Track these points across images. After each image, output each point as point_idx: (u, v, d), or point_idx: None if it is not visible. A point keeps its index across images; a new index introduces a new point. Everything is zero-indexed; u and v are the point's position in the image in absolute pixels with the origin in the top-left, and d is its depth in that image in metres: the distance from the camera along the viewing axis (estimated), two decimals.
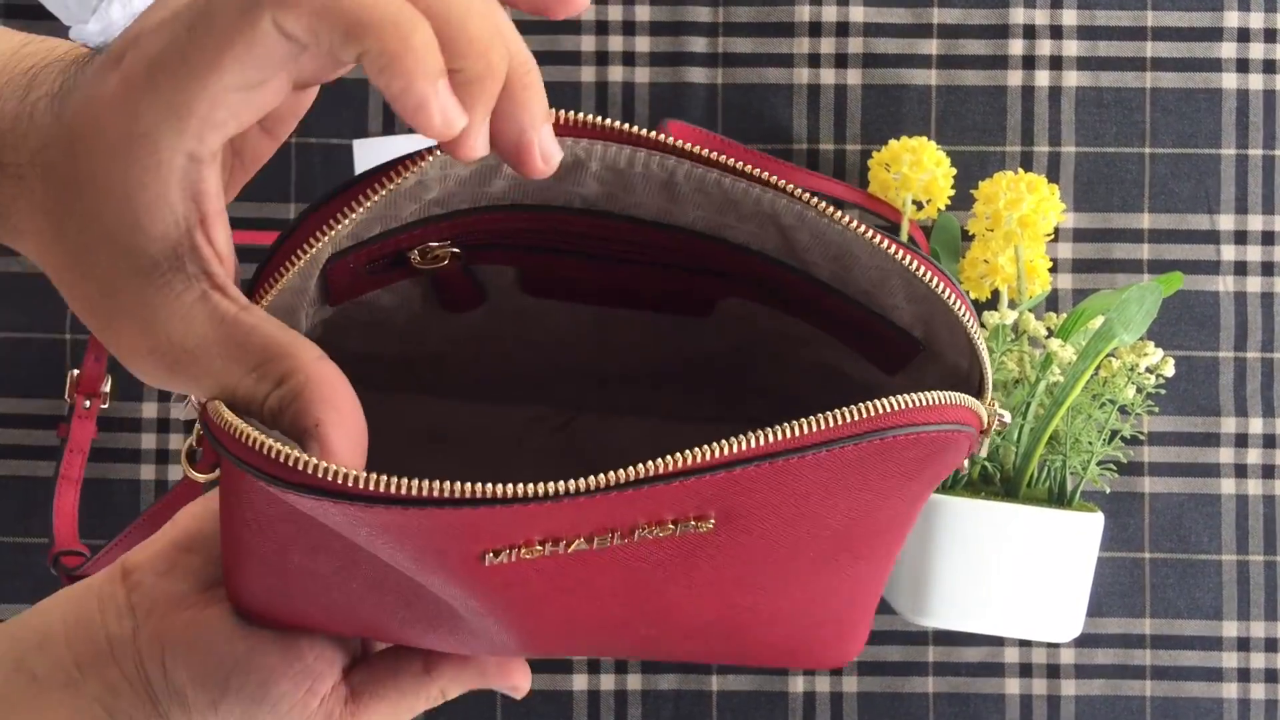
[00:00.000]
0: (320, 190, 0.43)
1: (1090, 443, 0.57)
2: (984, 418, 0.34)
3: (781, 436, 0.29)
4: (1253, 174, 0.67)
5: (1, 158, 0.30)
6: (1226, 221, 0.67)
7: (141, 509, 0.66)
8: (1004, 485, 0.59)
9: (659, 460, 0.29)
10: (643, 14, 0.67)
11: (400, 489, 0.27)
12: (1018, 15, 0.67)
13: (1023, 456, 0.57)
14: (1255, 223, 0.67)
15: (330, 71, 0.29)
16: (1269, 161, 0.67)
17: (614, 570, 0.32)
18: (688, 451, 0.29)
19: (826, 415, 0.30)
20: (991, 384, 0.36)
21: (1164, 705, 0.66)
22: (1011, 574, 0.55)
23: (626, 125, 0.32)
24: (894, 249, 0.32)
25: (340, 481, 0.27)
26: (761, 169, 0.33)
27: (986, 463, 0.59)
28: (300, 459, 0.27)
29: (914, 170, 0.60)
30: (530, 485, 0.28)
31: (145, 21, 0.28)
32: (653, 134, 0.32)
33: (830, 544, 0.34)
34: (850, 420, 0.30)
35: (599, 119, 0.31)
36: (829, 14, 0.67)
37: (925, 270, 0.33)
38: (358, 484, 0.27)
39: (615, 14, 0.67)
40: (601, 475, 0.28)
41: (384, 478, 0.27)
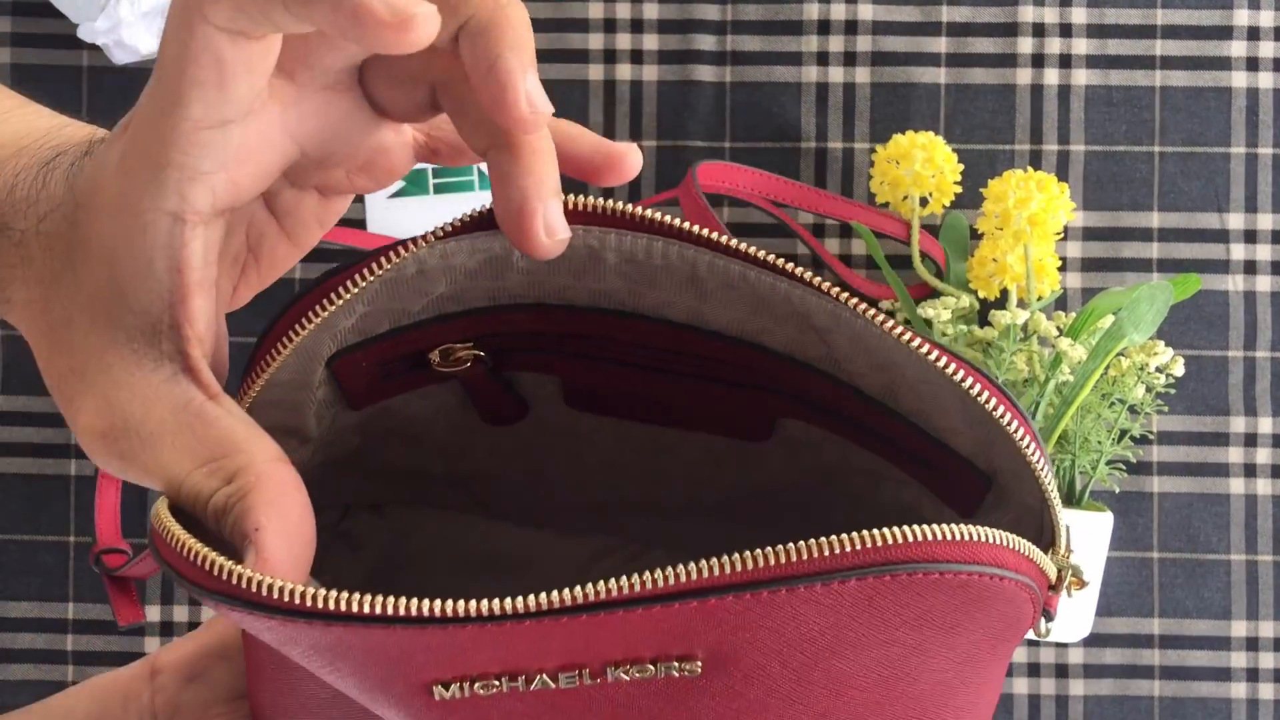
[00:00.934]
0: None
1: (1099, 442, 0.57)
2: (1049, 571, 0.28)
3: (763, 563, 0.24)
4: (1263, 172, 0.67)
5: (9, 223, 0.29)
6: (1236, 220, 0.67)
7: None
8: None
9: (617, 581, 0.24)
10: (651, 12, 0.67)
11: (321, 603, 0.24)
12: (1027, 13, 0.67)
13: None
14: (1265, 221, 0.67)
15: (306, 74, 0.27)
16: (1279, 160, 0.67)
17: (587, 715, 0.27)
18: (652, 573, 0.24)
19: (822, 541, 0.25)
20: (1065, 533, 0.29)
21: (1172, 705, 0.66)
22: None
23: (638, 209, 0.29)
24: (939, 358, 0.27)
25: (256, 590, 0.24)
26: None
27: None
28: (222, 565, 0.24)
29: (926, 168, 0.60)
30: (466, 604, 0.24)
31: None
32: (667, 219, 0.29)
33: (865, 712, 0.28)
34: (849, 549, 0.25)
35: (609, 203, 0.29)
36: (838, 12, 0.67)
37: (978, 386, 0.28)
38: (275, 595, 0.24)
39: (623, 12, 0.67)
40: (547, 595, 0.24)
41: (308, 590, 0.24)
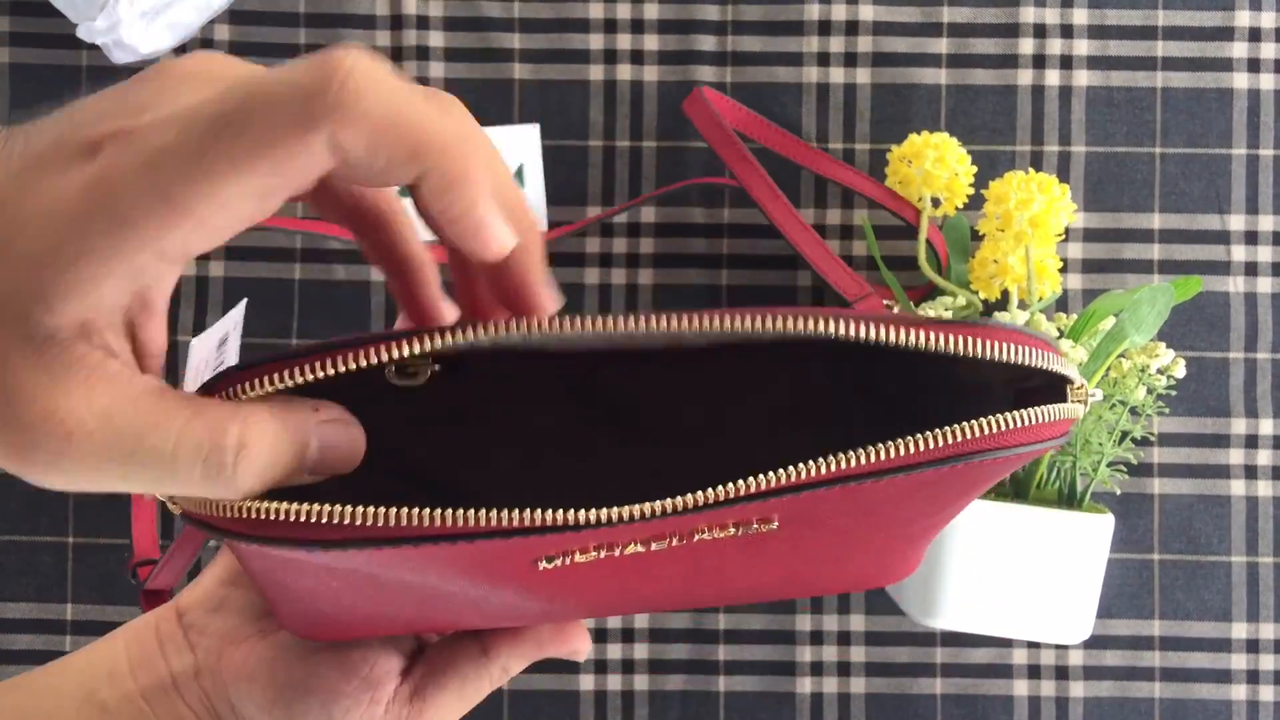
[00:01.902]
0: None
1: (1100, 444, 0.57)
2: (1079, 412, 0.31)
3: (858, 463, 0.27)
4: (1264, 174, 0.67)
5: None
6: (1237, 222, 0.66)
7: None
8: (1014, 486, 0.59)
9: (724, 487, 0.27)
10: (651, 12, 0.67)
11: (450, 520, 0.26)
12: (1028, 14, 0.67)
13: None
14: (1266, 223, 0.66)
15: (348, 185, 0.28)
16: None
17: (672, 563, 0.31)
18: (755, 478, 0.27)
19: (914, 439, 0.27)
20: (1075, 368, 0.33)
21: (1173, 707, 0.66)
22: (1021, 576, 0.54)
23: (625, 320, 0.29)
24: (912, 335, 0.29)
25: (373, 523, 0.26)
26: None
27: None
28: (328, 511, 0.26)
29: (937, 167, 0.60)
30: (585, 512, 0.27)
31: (121, 121, 0.25)
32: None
33: (900, 526, 0.33)
34: (937, 445, 0.27)
35: (589, 320, 0.29)
36: (838, 13, 0.66)
37: (937, 337, 0.29)
38: (409, 521, 0.26)
39: (624, 12, 0.66)
40: (659, 503, 0.27)
41: (426, 511, 0.26)
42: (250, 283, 0.65)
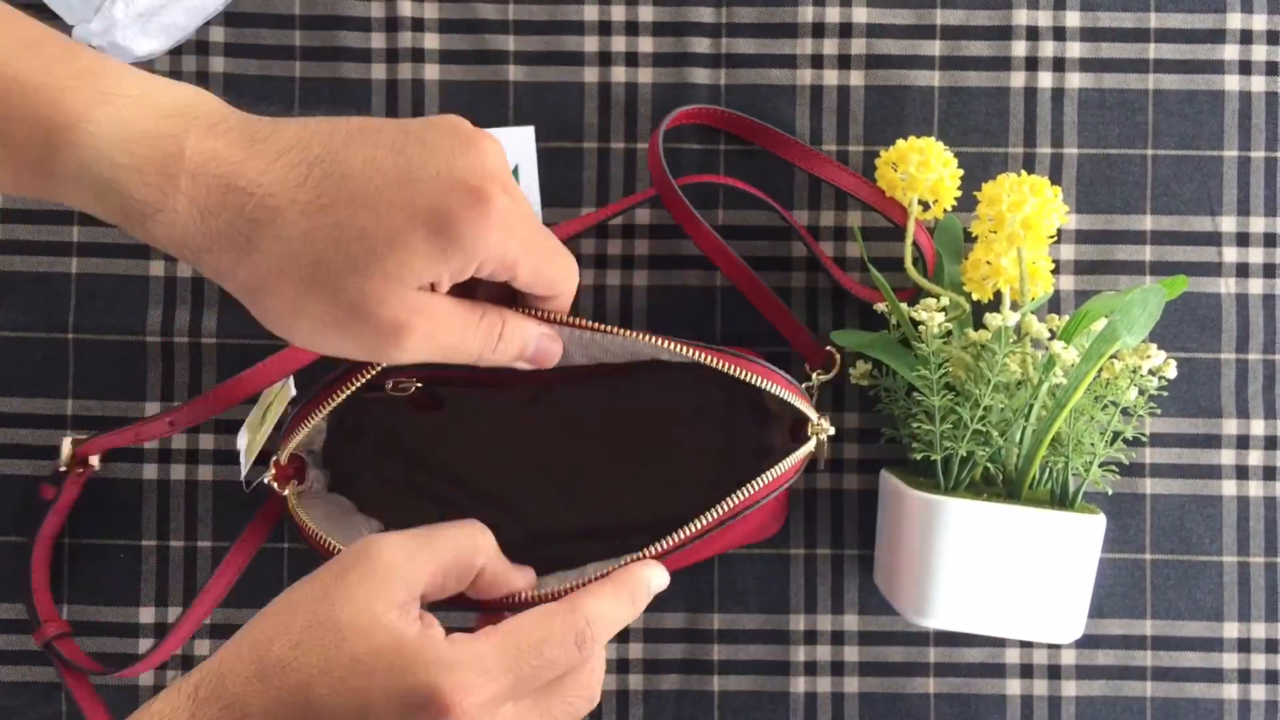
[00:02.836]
0: None
1: (1092, 444, 0.57)
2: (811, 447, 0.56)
3: (697, 529, 0.53)
4: (1255, 176, 0.67)
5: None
6: (1229, 223, 0.67)
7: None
8: (1006, 487, 0.59)
9: (610, 561, 0.53)
10: (645, 14, 0.67)
11: None
12: (1021, 17, 0.67)
13: (1025, 458, 0.57)
14: (1258, 225, 0.67)
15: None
16: (1271, 164, 0.67)
17: None
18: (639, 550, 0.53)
19: (734, 497, 0.53)
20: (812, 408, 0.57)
21: (1165, 706, 0.66)
22: (1013, 575, 0.55)
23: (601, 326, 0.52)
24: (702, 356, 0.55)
25: None
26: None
27: (989, 464, 0.59)
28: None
29: (921, 171, 0.60)
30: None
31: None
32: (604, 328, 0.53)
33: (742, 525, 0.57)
34: (740, 502, 0.53)
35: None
36: (832, 15, 0.67)
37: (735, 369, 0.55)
38: None
39: (618, 14, 0.67)
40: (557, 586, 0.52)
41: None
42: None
